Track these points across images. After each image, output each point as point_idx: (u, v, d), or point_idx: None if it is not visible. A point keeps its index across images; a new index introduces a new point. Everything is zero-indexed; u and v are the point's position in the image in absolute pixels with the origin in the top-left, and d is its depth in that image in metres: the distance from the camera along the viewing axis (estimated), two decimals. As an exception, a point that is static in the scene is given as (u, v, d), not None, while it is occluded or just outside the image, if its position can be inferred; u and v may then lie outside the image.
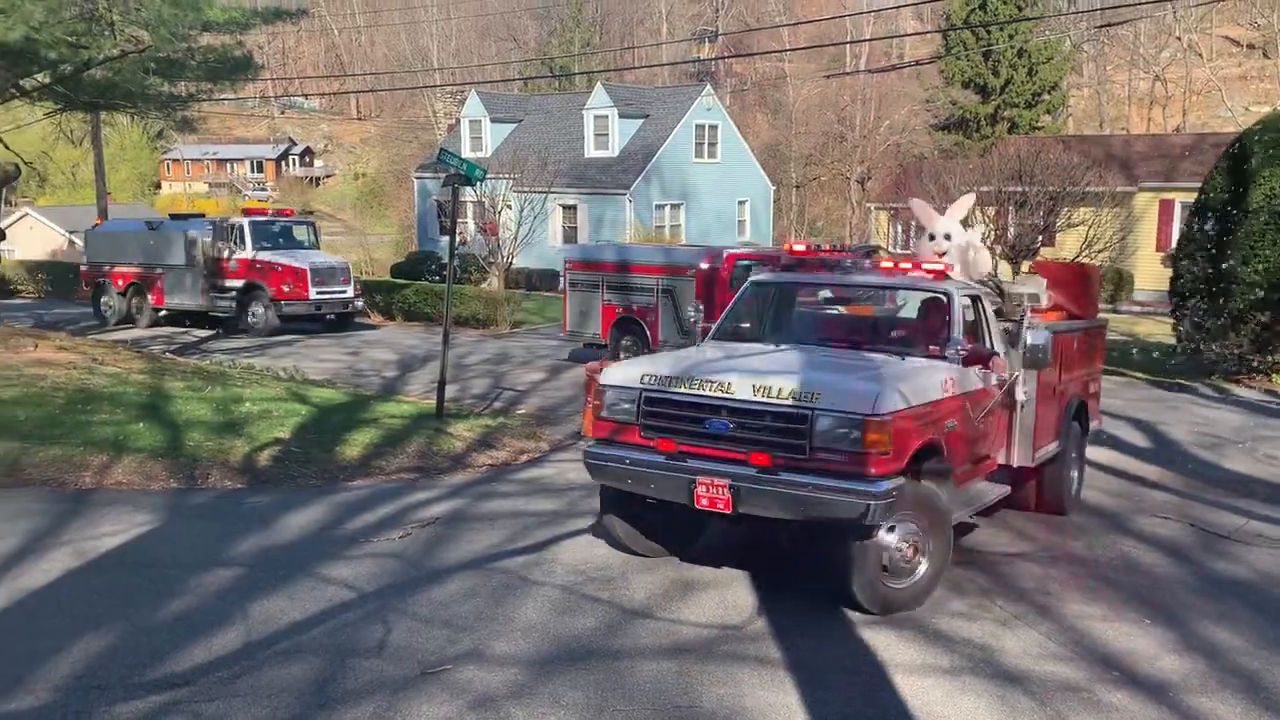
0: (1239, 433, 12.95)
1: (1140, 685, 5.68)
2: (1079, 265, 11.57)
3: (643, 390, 6.91)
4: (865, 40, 62.04)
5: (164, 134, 73.25)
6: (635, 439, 6.91)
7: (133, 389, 12.68)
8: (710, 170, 39.48)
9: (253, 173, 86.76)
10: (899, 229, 33.29)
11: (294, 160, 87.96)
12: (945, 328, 7.55)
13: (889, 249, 30.31)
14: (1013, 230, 23.92)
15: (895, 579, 6.54)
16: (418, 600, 6.57)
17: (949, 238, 8.54)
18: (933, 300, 7.91)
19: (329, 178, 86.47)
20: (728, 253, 16.57)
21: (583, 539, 7.96)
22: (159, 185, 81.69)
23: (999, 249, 23.55)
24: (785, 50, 58.34)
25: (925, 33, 54.42)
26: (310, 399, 12.76)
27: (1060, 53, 47.56)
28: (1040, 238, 23.85)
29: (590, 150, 38.72)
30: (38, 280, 32.49)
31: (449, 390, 12.76)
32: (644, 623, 6.32)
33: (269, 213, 25.12)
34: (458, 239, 13.27)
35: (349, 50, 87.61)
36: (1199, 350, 16.80)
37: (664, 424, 6.80)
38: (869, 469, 6.17)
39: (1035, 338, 7.57)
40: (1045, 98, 45.94)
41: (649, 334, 16.68)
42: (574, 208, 37.87)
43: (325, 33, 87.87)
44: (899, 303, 8.83)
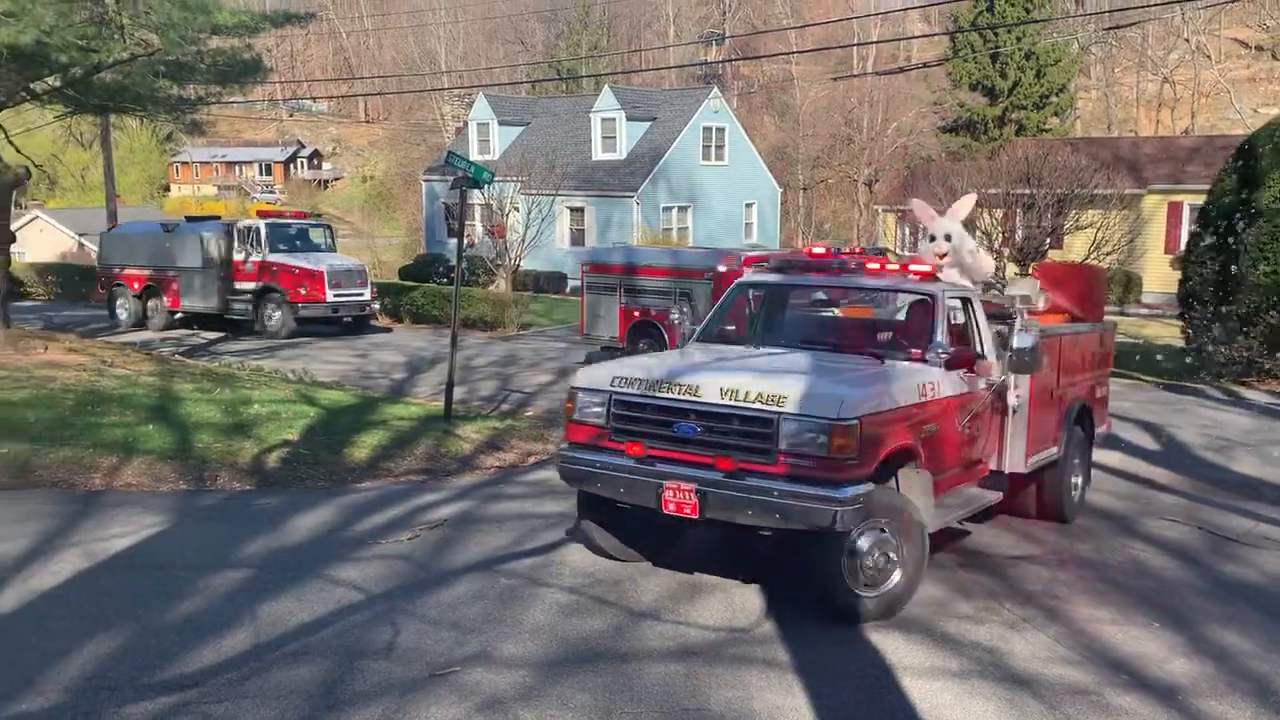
0: (1248, 435, 12.91)
1: (1150, 689, 5.66)
2: (1081, 267, 11.36)
3: (612, 393, 6.81)
4: (872, 43, 62.07)
5: (173, 137, 73.54)
6: (606, 442, 6.82)
7: (142, 391, 12.72)
8: (717, 173, 39.49)
9: (261, 175, 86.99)
10: (906, 231, 33.26)
11: (302, 163, 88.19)
12: (929, 330, 7.37)
13: (896, 251, 30.26)
14: (1020, 233, 23.89)
15: (866, 587, 6.38)
16: (426, 602, 6.58)
17: (949, 238, 8.38)
18: (918, 302, 7.73)
19: (337, 180, 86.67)
20: (745, 255, 16.56)
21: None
22: (168, 188, 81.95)
23: (1007, 251, 23.51)
24: (792, 53, 58.33)
25: (933, 35, 54.35)
26: (319, 401, 12.80)
27: (1068, 55, 47.48)
28: (1048, 240, 23.81)
29: (598, 153, 38.77)
30: (47, 282, 32.61)
31: (457, 392, 12.78)
32: (652, 625, 6.32)
33: (285, 215, 25.11)
34: (465, 241, 13.30)
35: (357, 53, 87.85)
36: (1208, 353, 16.74)
37: (633, 427, 6.70)
38: (836, 474, 6.05)
39: (1022, 341, 7.38)
40: (1053, 100, 45.88)
41: (666, 337, 16.67)
42: (581, 210, 37.91)
43: (333, 36, 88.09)
44: (898, 304, 8.60)
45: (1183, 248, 20.79)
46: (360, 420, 11.82)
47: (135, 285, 24.38)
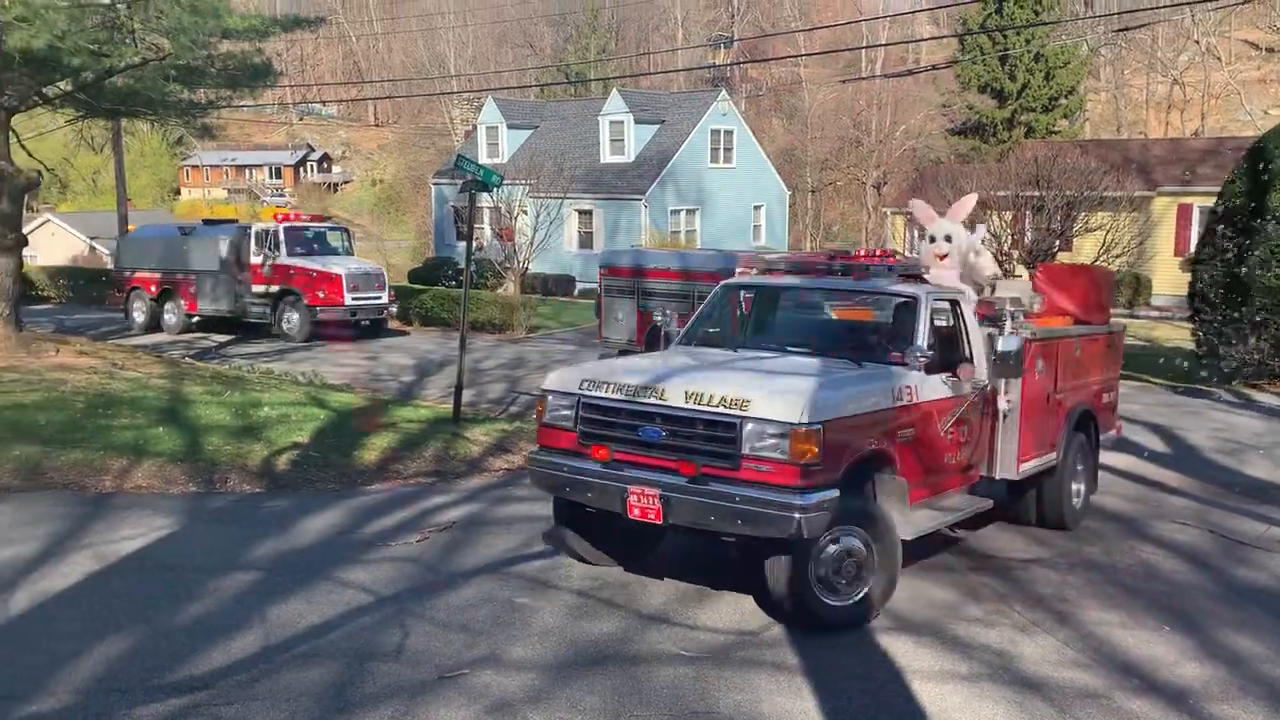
0: (1259, 438, 12.86)
1: (1160, 692, 5.64)
2: (1086, 268, 11.11)
3: (580, 396, 6.72)
4: (881, 45, 62.03)
5: (183, 141, 73.94)
6: (575, 446, 6.74)
7: (152, 394, 12.77)
8: (726, 175, 39.49)
9: (271, 179, 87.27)
10: (915, 234, 33.20)
11: (312, 166, 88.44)
12: (910, 333, 7.19)
13: (905, 253, 30.17)
14: (1030, 235, 23.82)
15: (834, 596, 6.25)
16: (435, 604, 6.59)
17: (949, 239, 8.14)
18: (902, 305, 7.51)
19: (347, 184, 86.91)
20: (766, 258, 16.50)
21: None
22: (178, 191, 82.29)
23: (1016, 254, 23.44)
24: (801, 55, 58.30)
25: (941, 37, 54.26)
26: (328, 403, 12.83)
27: (1077, 57, 47.32)
28: (1058, 242, 23.73)
29: (606, 156, 38.80)
30: (59, 285, 32.74)
31: (466, 395, 12.80)
32: (660, 628, 6.32)
33: (303, 218, 25.08)
34: (474, 244, 13.32)
35: (367, 57, 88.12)
36: (1218, 355, 16.68)
37: (600, 430, 6.62)
38: (799, 480, 5.91)
39: (1006, 345, 7.20)
40: (1062, 102, 45.72)
41: None
42: (590, 213, 37.94)
43: (343, 40, 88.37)
44: (885, 306, 8.25)
45: (1193, 250, 20.74)
46: (370, 422, 11.84)
47: (152, 288, 24.34)
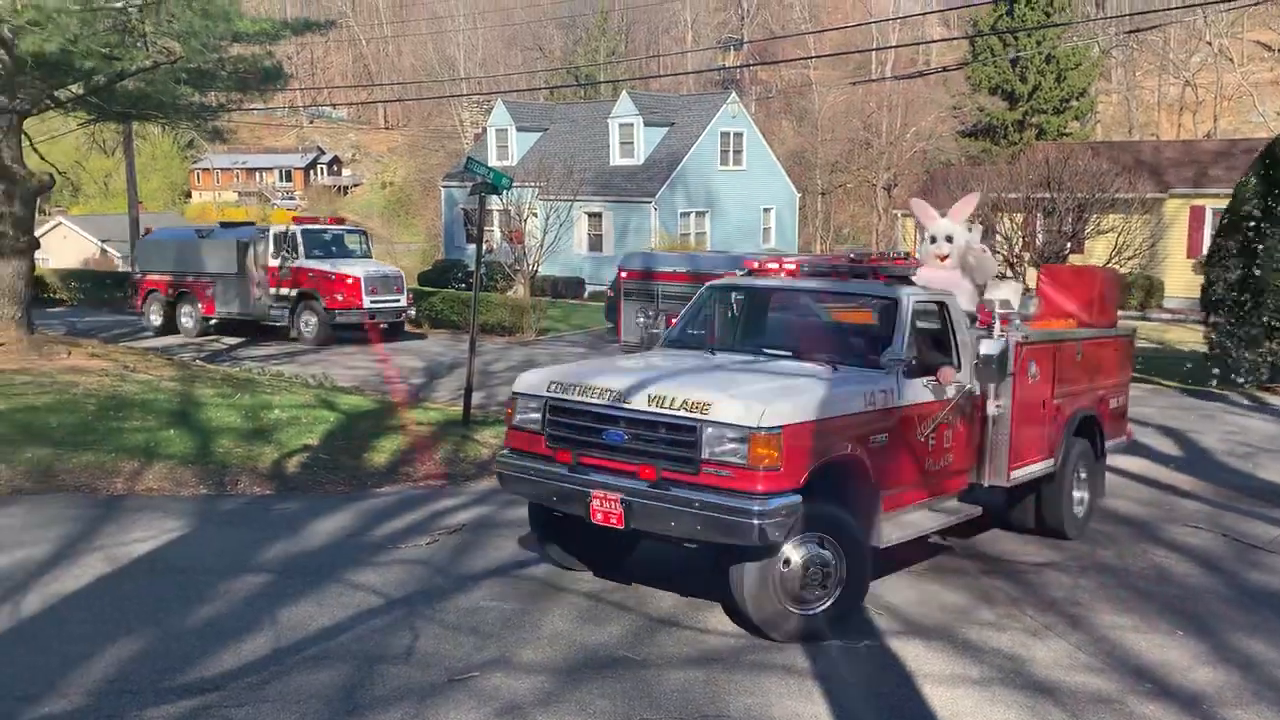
0: (1273, 441, 12.79)
1: (1173, 697, 5.61)
2: (1091, 269, 10.85)
3: (548, 399, 6.64)
4: (891, 47, 61.99)
5: (194, 144, 74.24)
6: (542, 449, 6.66)
7: (163, 396, 12.80)
8: (735, 178, 39.47)
9: (281, 181, 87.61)
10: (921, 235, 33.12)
11: (322, 169, 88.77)
12: (889, 336, 7.03)
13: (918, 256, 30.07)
14: (1041, 237, 23.76)
15: (799, 604, 6.12)
16: (445, 607, 6.59)
17: (950, 239, 8.02)
18: (883, 307, 7.33)
19: (356, 187, 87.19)
20: (784, 260, 16.44)
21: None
22: (189, 194, 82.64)
23: (1028, 256, 23.38)
24: (811, 57, 58.27)
25: (952, 39, 54.14)
26: (338, 406, 12.85)
27: (1089, 58, 47.20)
28: (1069, 245, 23.67)
29: (615, 158, 38.82)
30: (71, 288, 32.89)
31: (475, 397, 12.80)
32: (670, 631, 6.31)
33: (321, 221, 25.05)
34: (484, 247, 13.33)
35: (376, 60, 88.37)
36: (1231, 358, 16.60)
37: (565, 434, 6.54)
38: (758, 486, 5.81)
39: (988, 348, 7.04)
40: (1073, 104, 45.61)
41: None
42: (599, 215, 37.97)
43: (353, 43, 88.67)
44: (871, 309, 8.01)
45: (1205, 252, 20.63)
46: (380, 425, 11.87)
47: (170, 291, 24.35)
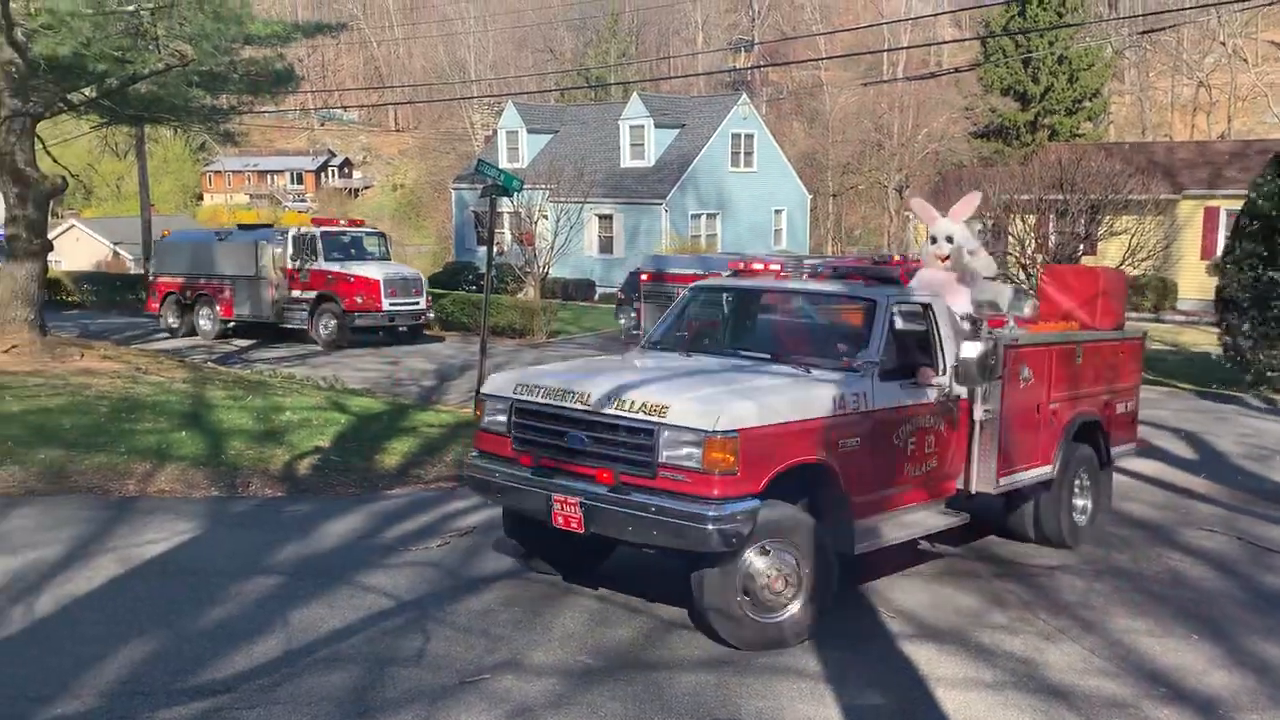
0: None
1: (1188, 701, 5.57)
2: (1095, 270, 10.57)
3: (513, 401, 6.60)
4: (903, 48, 61.85)
5: (206, 146, 74.44)
6: (508, 451, 6.63)
7: (175, 398, 12.84)
8: (746, 179, 39.44)
9: (293, 184, 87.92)
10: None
11: (333, 172, 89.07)
12: (864, 338, 6.91)
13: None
14: (1054, 239, 23.64)
15: (761, 612, 6.00)
16: (456, 609, 6.58)
17: (951, 240, 7.86)
18: (862, 308, 7.23)
19: (367, 189, 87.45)
20: (807, 262, 16.40)
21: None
22: (201, 197, 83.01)
23: (1040, 258, 23.26)
24: (822, 58, 58.20)
25: (964, 40, 53.98)
26: (349, 408, 12.87)
27: (1101, 59, 46.98)
28: (1081, 246, 23.54)
29: (626, 160, 38.83)
30: (84, 290, 33.04)
31: (486, 399, 12.79)
32: (682, 634, 6.29)
33: (339, 223, 25.00)
34: (495, 249, 13.34)
35: (387, 63, 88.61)
36: (1246, 360, 16.51)
37: (530, 436, 6.51)
38: (713, 490, 5.72)
39: (967, 351, 6.83)
40: (1086, 105, 45.40)
41: None
42: (610, 217, 37.98)
43: (364, 45, 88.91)
44: (853, 310, 7.87)
45: (1219, 254, 20.52)
46: (391, 427, 11.88)
47: (188, 293, 24.28)
